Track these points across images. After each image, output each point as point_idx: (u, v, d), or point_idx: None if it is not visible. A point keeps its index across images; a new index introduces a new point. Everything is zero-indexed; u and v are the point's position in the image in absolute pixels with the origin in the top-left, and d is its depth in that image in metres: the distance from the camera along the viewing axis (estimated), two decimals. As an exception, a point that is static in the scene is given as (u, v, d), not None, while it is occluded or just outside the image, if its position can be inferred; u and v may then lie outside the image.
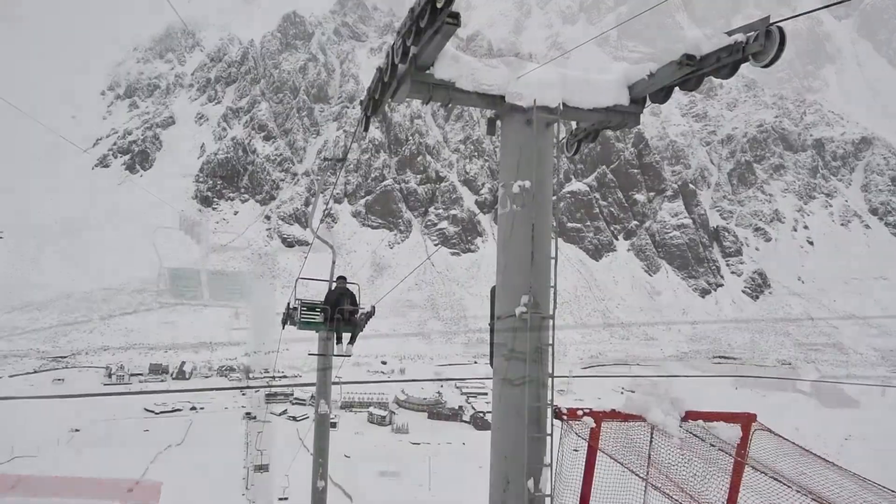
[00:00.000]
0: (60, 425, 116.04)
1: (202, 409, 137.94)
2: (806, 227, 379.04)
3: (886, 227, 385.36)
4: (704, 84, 5.05)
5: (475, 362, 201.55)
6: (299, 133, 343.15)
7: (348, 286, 14.59)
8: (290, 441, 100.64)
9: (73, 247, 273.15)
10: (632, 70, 5.23)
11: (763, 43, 4.22)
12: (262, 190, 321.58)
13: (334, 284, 14.60)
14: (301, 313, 14.52)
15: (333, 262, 15.67)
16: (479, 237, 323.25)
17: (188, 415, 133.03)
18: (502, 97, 5.08)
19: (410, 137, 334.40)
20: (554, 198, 5.09)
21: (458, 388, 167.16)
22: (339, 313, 13.77)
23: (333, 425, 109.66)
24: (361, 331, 14.37)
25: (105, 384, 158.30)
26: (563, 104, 5.13)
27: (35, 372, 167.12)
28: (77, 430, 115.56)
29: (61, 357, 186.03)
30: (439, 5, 4.06)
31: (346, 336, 14.26)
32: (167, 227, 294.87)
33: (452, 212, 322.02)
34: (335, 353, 14.34)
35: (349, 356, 14.33)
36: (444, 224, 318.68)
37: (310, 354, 17.16)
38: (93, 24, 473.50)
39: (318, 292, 16.07)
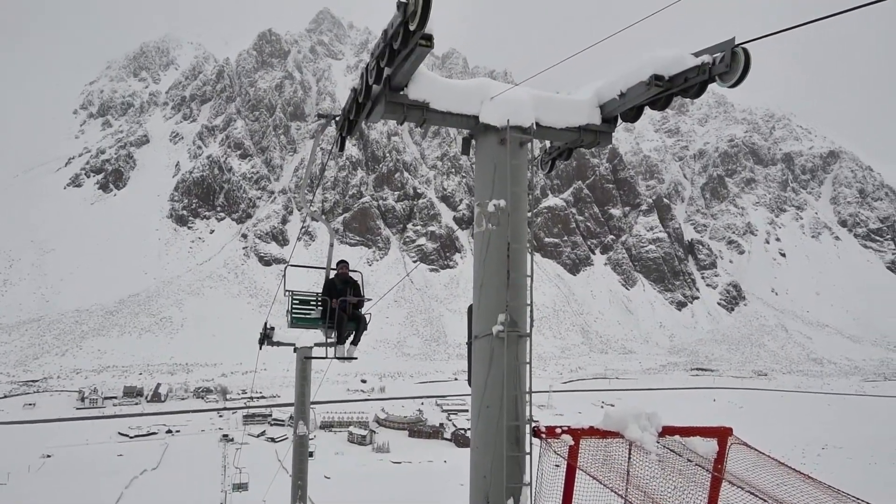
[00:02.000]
0: (32, 451, 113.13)
1: (178, 432, 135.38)
2: (778, 240, 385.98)
3: (856, 239, 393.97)
4: (675, 101, 5.14)
5: (455, 379, 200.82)
6: (276, 151, 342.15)
7: (350, 274, 12.04)
8: (269, 462, 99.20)
9: (45, 268, 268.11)
10: (603, 90, 5.33)
11: (729, 64, 4.32)
12: (239, 208, 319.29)
13: (333, 272, 11.86)
14: (292, 308, 12.03)
15: (332, 246, 12.75)
16: (457, 253, 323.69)
17: (164, 438, 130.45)
18: (476, 117, 5.13)
19: (388, 154, 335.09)
20: (529, 215, 5.12)
21: (438, 405, 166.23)
22: (341, 305, 11.20)
23: (310, 455, 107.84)
24: (366, 328, 11.84)
25: (78, 408, 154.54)
26: (536, 123, 5.20)
27: (5, 397, 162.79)
28: (49, 456, 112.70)
29: (32, 381, 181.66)
30: (412, 27, 4.10)
31: (345, 337, 11.62)
32: (142, 247, 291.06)
33: (430, 228, 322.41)
34: (336, 355, 11.62)
35: (354, 359, 11.67)
36: (422, 240, 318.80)
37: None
38: (65, 43, 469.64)
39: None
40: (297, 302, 12.15)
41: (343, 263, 11.95)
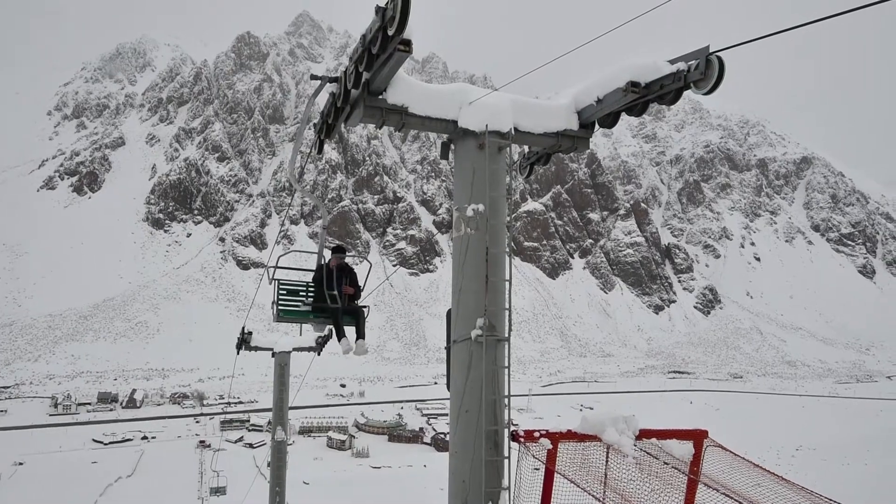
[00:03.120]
0: (4, 459, 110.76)
1: (154, 438, 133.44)
2: (752, 244, 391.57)
3: (828, 243, 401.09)
4: (652, 107, 5.21)
5: (435, 383, 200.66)
6: (254, 154, 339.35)
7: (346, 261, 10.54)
8: (247, 468, 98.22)
9: (17, 272, 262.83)
10: (580, 96, 5.38)
11: (703, 71, 4.38)
12: (216, 211, 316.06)
13: (327, 257, 10.23)
14: (279, 299, 10.47)
15: (324, 229, 11.01)
16: (437, 257, 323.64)
17: (139, 445, 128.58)
18: (455, 122, 5.14)
19: (367, 158, 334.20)
20: (508, 219, 5.15)
21: (418, 409, 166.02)
22: (331, 285, 9.75)
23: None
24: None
25: (51, 415, 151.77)
26: (515, 129, 5.23)
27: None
28: (21, 464, 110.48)
29: (4, 387, 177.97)
30: (391, 33, 4.10)
31: (345, 331, 9.98)
32: (117, 251, 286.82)
33: (410, 232, 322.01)
34: (343, 352, 9.95)
35: (364, 354, 10.06)
36: (402, 244, 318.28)
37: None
38: (39, 44, 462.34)
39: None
40: (284, 292, 10.64)
41: (340, 249, 10.29)
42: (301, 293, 10.70)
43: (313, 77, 5.88)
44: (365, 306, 10.28)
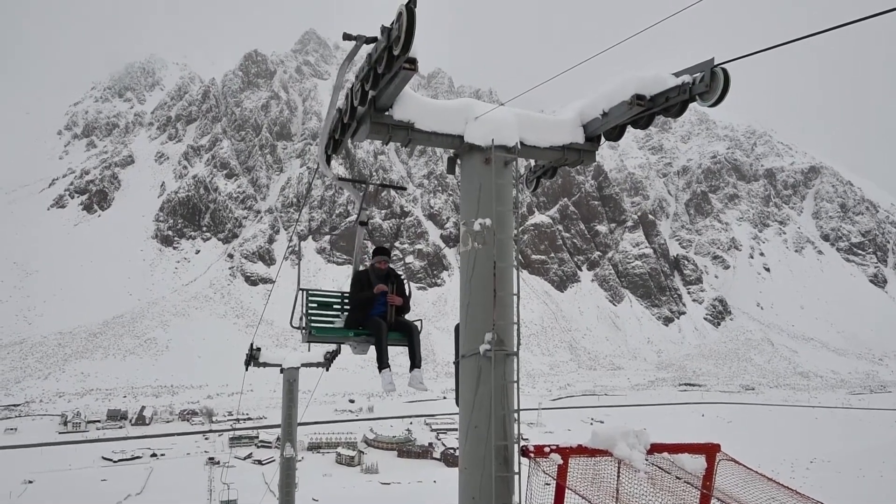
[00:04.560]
0: (13, 477, 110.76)
1: (163, 455, 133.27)
2: (762, 255, 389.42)
3: (838, 253, 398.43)
4: (658, 119, 5.22)
5: (444, 398, 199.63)
6: (262, 170, 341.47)
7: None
8: (257, 485, 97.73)
9: (28, 290, 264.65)
10: (585, 109, 5.40)
11: (708, 83, 4.38)
12: (225, 228, 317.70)
13: (365, 263, 8.37)
14: (309, 313, 8.24)
15: (362, 223, 8.62)
16: (444, 271, 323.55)
17: (148, 462, 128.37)
18: (461, 137, 5.17)
19: (374, 173, 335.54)
20: (515, 233, 5.15)
21: (427, 424, 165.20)
22: (377, 302, 7.89)
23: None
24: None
25: (60, 432, 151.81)
26: (521, 143, 5.24)
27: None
28: (31, 482, 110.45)
29: (14, 405, 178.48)
30: (396, 52, 4.11)
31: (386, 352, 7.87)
32: (126, 268, 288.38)
33: (418, 246, 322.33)
34: (386, 384, 7.70)
35: (424, 389, 8.14)
36: (409, 259, 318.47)
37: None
38: (49, 63, 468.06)
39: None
40: (314, 305, 8.46)
41: (382, 254, 8.61)
42: (335, 306, 8.80)
43: (346, 37, 5.52)
44: (418, 320, 8.18)
